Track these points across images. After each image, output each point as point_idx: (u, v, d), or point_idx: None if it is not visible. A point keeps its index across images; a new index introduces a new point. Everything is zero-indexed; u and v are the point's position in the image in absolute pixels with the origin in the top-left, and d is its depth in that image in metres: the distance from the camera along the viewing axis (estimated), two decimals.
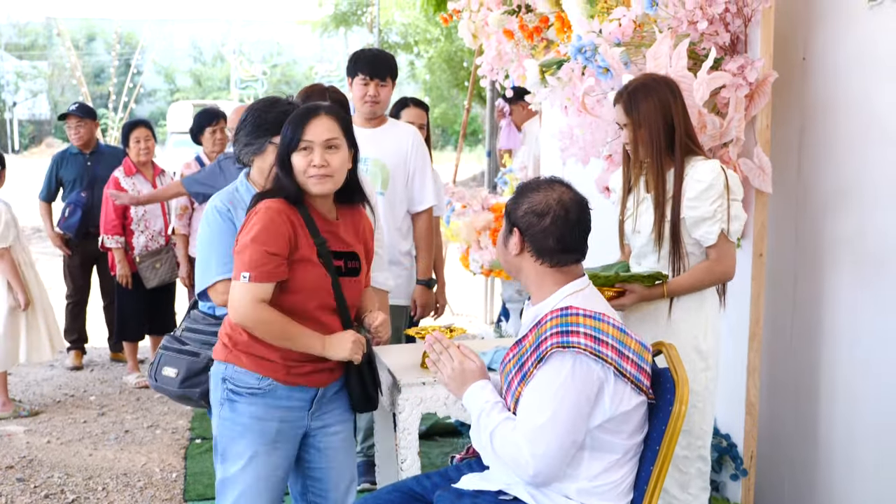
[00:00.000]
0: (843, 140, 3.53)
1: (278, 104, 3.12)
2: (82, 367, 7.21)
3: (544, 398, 2.43)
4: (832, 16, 3.57)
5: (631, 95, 3.17)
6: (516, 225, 2.58)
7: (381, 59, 4.41)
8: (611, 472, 2.53)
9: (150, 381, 3.24)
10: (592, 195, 3.72)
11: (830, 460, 3.63)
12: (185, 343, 3.16)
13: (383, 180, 4.33)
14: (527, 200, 2.58)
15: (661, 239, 3.18)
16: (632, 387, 2.48)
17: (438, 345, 2.69)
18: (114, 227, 6.40)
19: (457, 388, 2.65)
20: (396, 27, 29.26)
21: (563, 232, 2.55)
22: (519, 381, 2.51)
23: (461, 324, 7.89)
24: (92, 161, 7.01)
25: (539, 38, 4.70)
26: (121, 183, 6.40)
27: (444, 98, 30.35)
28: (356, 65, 4.38)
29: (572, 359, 2.42)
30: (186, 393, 3.12)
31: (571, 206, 2.56)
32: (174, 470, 4.98)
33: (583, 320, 2.44)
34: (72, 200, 6.89)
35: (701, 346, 3.20)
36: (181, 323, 3.25)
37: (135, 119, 7.04)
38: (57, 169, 7.03)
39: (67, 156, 7.08)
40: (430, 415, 3.86)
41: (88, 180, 6.93)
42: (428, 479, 2.86)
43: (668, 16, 3.40)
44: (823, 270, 3.63)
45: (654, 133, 3.13)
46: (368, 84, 4.32)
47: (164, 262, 6.43)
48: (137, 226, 6.44)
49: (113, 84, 22.73)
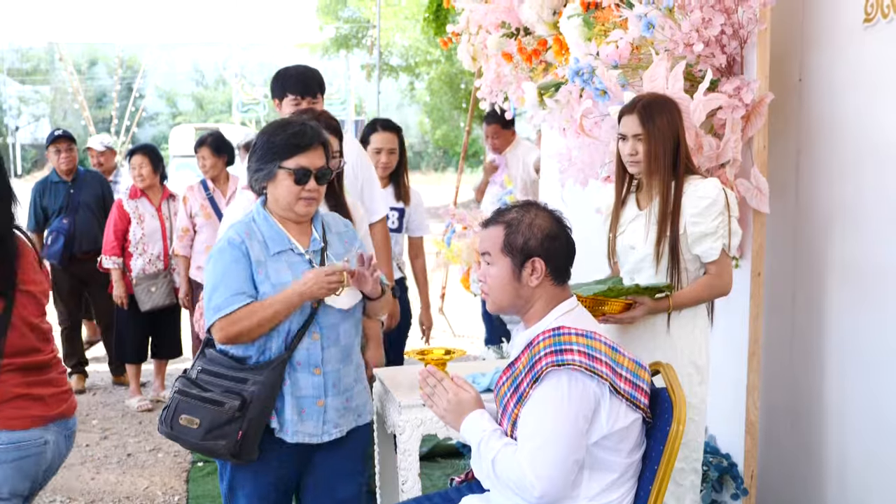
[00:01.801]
0: (839, 160, 3.55)
1: (288, 126, 2.98)
2: (84, 390, 7.20)
3: (542, 418, 2.43)
4: (828, 37, 3.60)
5: (646, 108, 3.21)
6: (535, 255, 2.56)
7: (308, 76, 4.11)
8: (610, 491, 2.53)
9: (162, 427, 2.97)
10: (589, 216, 3.75)
11: (831, 479, 3.63)
12: (206, 389, 2.91)
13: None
14: (536, 228, 2.58)
15: (661, 254, 3.21)
16: (627, 404, 2.49)
17: (432, 378, 2.70)
18: (112, 248, 6.44)
19: (454, 420, 2.64)
20: (397, 49, 29.38)
21: (569, 248, 2.62)
22: (515, 402, 2.52)
23: (462, 345, 7.89)
24: (74, 188, 7.05)
25: (537, 61, 4.73)
26: (124, 205, 6.45)
27: (444, 120, 30.40)
28: (284, 85, 4.08)
29: (568, 376, 2.43)
30: (210, 446, 2.87)
31: (562, 222, 2.64)
32: (176, 493, 4.98)
33: (575, 339, 2.45)
34: (54, 228, 6.92)
35: (697, 360, 3.26)
36: (195, 362, 3.03)
37: (136, 145, 7.06)
38: (40, 199, 7.04)
39: (49, 184, 7.09)
40: (431, 436, 3.86)
41: (71, 207, 6.97)
42: (429, 501, 2.87)
43: (664, 38, 3.43)
44: (821, 289, 3.65)
45: (667, 149, 3.19)
46: (300, 103, 4.02)
47: (160, 286, 6.43)
48: (136, 248, 6.44)
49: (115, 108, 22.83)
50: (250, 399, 2.82)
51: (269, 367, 2.85)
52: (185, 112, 45.51)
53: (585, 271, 3.60)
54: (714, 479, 3.72)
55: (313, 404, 2.91)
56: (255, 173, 2.96)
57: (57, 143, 7.04)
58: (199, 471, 5.26)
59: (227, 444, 2.82)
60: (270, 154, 2.91)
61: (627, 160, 3.28)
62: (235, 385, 2.86)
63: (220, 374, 2.91)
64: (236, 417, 2.81)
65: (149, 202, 6.52)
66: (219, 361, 2.94)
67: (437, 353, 3.47)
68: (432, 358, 3.40)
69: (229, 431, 2.82)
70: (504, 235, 2.59)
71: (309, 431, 2.92)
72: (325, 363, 2.92)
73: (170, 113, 46.20)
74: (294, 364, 2.89)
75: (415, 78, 30.03)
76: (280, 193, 2.91)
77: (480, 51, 5.23)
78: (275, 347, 2.89)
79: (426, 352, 3.50)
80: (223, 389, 2.87)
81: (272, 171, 2.91)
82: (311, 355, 2.90)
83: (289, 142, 2.90)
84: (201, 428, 2.85)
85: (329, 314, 2.93)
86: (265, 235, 2.92)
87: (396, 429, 3.28)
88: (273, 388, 2.85)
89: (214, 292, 2.87)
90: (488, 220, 2.68)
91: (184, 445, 2.99)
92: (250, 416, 2.82)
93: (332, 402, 2.94)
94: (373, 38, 26.48)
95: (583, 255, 2.77)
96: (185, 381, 2.97)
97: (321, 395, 2.92)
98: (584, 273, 3.49)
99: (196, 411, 2.87)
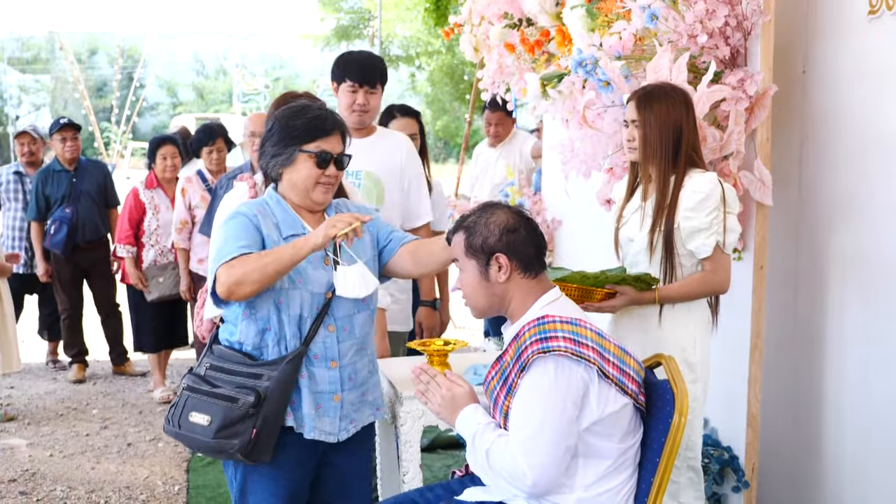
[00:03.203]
0: (843, 152, 3.54)
1: (307, 110, 2.89)
2: (85, 380, 7.22)
3: (532, 406, 2.44)
4: (832, 28, 3.59)
5: (647, 95, 3.20)
6: (496, 251, 2.58)
7: (371, 65, 3.98)
8: (606, 479, 2.53)
9: (169, 427, 2.84)
10: (593, 208, 3.75)
11: (832, 472, 3.63)
12: (217, 385, 2.78)
13: (378, 195, 3.96)
14: (492, 225, 2.60)
15: (655, 247, 3.20)
16: (616, 388, 2.49)
17: (425, 375, 2.70)
18: (127, 237, 6.46)
19: (448, 415, 2.64)
20: (398, 40, 29.36)
21: (533, 237, 2.63)
22: (505, 395, 2.52)
23: (463, 337, 7.89)
24: (77, 177, 7.06)
25: (540, 52, 4.72)
26: (140, 195, 6.46)
27: (445, 111, 30.44)
28: (344, 70, 3.94)
29: (554, 363, 2.43)
30: (222, 445, 2.72)
31: (523, 215, 2.66)
32: (177, 483, 4.99)
33: (560, 326, 2.46)
34: (57, 217, 6.93)
35: (689, 358, 3.20)
36: (202, 358, 2.91)
37: (163, 135, 7.06)
38: (42, 187, 7.03)
39: (51, 173, 7.09)
40: (433, 427, 3.86)
41: (74, 196, 6.98)
42: (430, 492, 2.87)
43: (668, 29, 3.41)
44: (824, 282, 3.64)
45: (663, 138, 3.16)
46: (357, 91, 3.90)
47: (168, 277, 6.44)
48: (148, 239, 6.46)
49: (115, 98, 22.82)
50: (265, 395, 2.71)
51: (284, 361, 2.75)
52: (186, 102, 45.49)
53: (589, 262, 3.60)
54: (715, 472, 3.72)
55: (330, 400, 2.84)
56: (272, 158, 2.87)
57: (63, 131, 7.03)
58: (199, 461, 5.26)
59: (241, 442, 2.69)
60: (290, 138, 2.83)
61: (626, 146, 3.29)
62: (249, 380, 2.75)
63: (230, 371, 2.80)
64: (250, 414, 2.70)
65: (164, 193, 6.53)
66: (228, 357, 2.83)
67: (438, 344, 3.47)
68: (434, 349, 3.40)
69: (243, 429, 2.70)
70: (464, 239, 2.64)
71: (326, 429, 2.84)
72: (342, 356, 2.86)
73: (170, 103, 46.17)
74: (311, 358, 2.81)
75: (416, 69, 30.02)
76: (299, 178, 2.84)
77: (483, 41, 5.22)
78: (290, 339, 2.80)
79: (427, 343, 3.50)
80: (235, 385, 2.75)
81: (292, 154, 2.83)
82: (327, 348, 2.83)
83: (310, 125, 2.83)
84: (212, 425, 2.72)
85: (343, 305, 2.85)
86: (278, 218, 2.84)
87: (398, 420, 3.28)
88: (289, 383, 2.75)
89: (217, 253, 2.74)
90: (451, 229, 2.72)
91: (191, 446, 2.85)
92: (265, 413, 2.71)
93: (348, 396, 2.88)
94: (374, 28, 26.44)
95: (586, 246, 2.77)
96: (194, 377, 2.85)
97: (337, 390, 2.85)
98: (587, 264, 3.49)
99: (207, 408, 2.75)
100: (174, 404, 2.85)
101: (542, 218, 6.09)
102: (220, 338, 2.91)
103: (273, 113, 2.98)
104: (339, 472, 2.99)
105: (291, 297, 2.79)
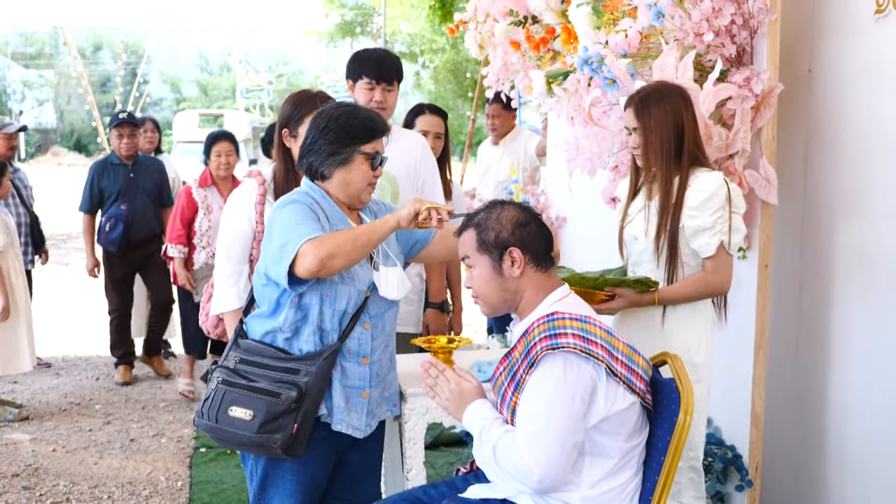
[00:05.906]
0: (848, 151, 3.53)
1: (360, 110, 2.90)
2: (132, 381, 7.02)
3: (539, 402, 2.44)
4: (838, 27, 3.58)
5: (643, 100, 3.18)
6: (510, 245, 2.59)
7: (387, 62, 3.95)
8: (612, 477, 2.53)
9: (202, 421, 2.81)
10: (599, 206, 3.74)
11: (836, 471, 3.63)
12: (252, 379, 2.78)
13: (393, 193, 3.92)
14: (504, 220, 2.62)
15: (661, 247, 3.19)
16: (624, 386, 2.49)
17: (434, 369, 2.70)
18: (178, 237, 6.16)
19: (456, 410, 2.65)
20: (402, 37, 29.36)
21: (543, 232, 2.65)
22: (513, 390, 2.52)
23: (467, 334, 7.87)
24: (134, 172, 6.86)
25: (545, 49, 4.70)
26: (193, 194, 6.17)
27: (449, 108, 30.39)
28: (360, 67, 3.91)
29: (563, 360, 2.43)
30: (264, 440, 2.72)
31: (531, 211, 2.69)
32: (179, 478, 4.99)
33: (570, 323, 2.46)
34: (113, 214, 6.72)
35: (694, 358, 3.17)
36: (228, 352, 2.90)
37: (219, 131, 6.75)
38: (98, 179, 6.84)
39: (108, 166, 6.88)
40: (436, 424, 3.86)
41: (130, 192, 6.79)
42: (434, 489, 2.87)
43: (674, 28, 3.41)
44: (829, 281, 3.64)
45: (665, 140, 3.14)
46: (374, 88, 3.87)
47: None
48: (200, 241, 6.13)
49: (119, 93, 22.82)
50: (306, 390, 2.73)
51: (321, 357, 2.77)
52: (189, 98, 45.54)
53: (593, 260, 3.60)
54: (718, 471, 3.72)
55: (358, 395, 2.87)
56: (328, 157, 2.85)
57: (120, 127, 6.86)
58: (202, 456, 5.27)
59: (283, 437, 2.70)
60: (349, 138, 2.83)
61: (633, 153, 3.28)
62: (287, 375, 2.75)
63: (262, 365, 2.79)
64: (293, 409, 2.71)
65: (218, 192, 6.21)
66: (259, 352, 2.82)
67: (443, 341, 3.48)
68: (438, 346, 3.40)
69: (285, 424, 2.71)
70: (476, 235, 2.64)
71: (353, 424, 2.87)
72: (373, 352, 2.90)
73: (174, 98, 46.25)
74: (344, 353, 2.84)
75: (420, 66, 30.02)
76: (354, 178, 2.86)
77: (488, 39, 5.21)
78: (330, 333, 2.81)
79: (432, 340, 3.50)
80: (273, 380, 2.75)
81: (350, 155, 2.84)
82: (361, 345, 2.87)
83: (366, 125, 2.86)
84: (255, 420, 2.71)
85: (377, 303, 2.90)
86: (326, 212, 2.85)
87: (402, 417, 3.28)
88: (325, 379, 2.78)
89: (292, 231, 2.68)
90: (459, 228, 2.72)
91: (226, 440, 2.81)
92: (306, 408, 2.74)
93: (374, 392, 2.92)
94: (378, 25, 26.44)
95: (590, 245, 2.77)
96: (227, 370, 2.83)
97: (366, 386, 2.88)
98: (591, 263, 3.48)
99: (249, 402, 2.74)
100: (208, 397, 2.83)
101: (547, 216, 6.09)
102: (249, 332, 2.91)
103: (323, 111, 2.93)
104: (352, 468, 3.02)
105: (340, 291, 2.82)
